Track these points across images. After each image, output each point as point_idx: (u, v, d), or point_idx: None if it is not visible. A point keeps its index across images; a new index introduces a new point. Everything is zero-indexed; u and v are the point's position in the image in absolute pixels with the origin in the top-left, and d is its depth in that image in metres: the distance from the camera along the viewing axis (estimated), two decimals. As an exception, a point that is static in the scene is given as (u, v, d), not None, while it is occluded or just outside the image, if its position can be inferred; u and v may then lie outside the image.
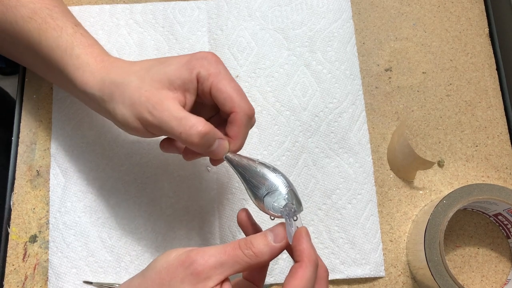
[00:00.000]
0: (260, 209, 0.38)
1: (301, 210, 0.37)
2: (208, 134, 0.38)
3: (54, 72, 0.46)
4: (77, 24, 0.47)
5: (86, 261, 0.49)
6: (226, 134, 0.42)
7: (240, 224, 0.40)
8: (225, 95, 0.40)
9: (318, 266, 0.35)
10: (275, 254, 0.35)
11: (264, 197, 0.37)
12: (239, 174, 0.40)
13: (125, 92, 0.41)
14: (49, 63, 0.46)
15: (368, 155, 0.53)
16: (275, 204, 0.37)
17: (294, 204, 0.37)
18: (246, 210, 0.40)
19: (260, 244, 0.34)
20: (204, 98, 0.42)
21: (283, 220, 0.37)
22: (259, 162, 0.40)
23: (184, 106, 0.40)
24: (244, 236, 0.40)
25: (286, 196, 0.37)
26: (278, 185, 0.38)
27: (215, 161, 0.43)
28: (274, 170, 0.39)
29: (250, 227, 0.40)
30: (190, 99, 0.41)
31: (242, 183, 0.39)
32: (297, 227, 0.36)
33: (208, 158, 0.47)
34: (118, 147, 0.52)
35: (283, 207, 0.37)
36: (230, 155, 0.41)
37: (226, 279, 0.33)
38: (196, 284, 0.32)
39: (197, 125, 0.38)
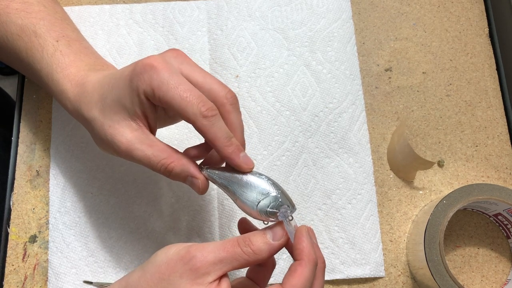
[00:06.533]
0: (253, 217, 0.38)
1: (295, 209, 0.37)
2: (172, 171, 0.38)
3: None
4: (60, 38, 0.45)
5: (86, 261, 0.49)
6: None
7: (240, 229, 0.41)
8: (175, 107, 0.36)
9: (317, 264, 0.35)
10: (273, 252, 0.35)
11: (257, 205, 0.37)
12: (224, 187, 0.39)
13: (94, 130, 0.41)
14: (41, 83, 0.46)
15: (368, 155, 0.53)
16: (270, 209, 0.37)
17: (289, 205, 0.37)
18: (244, 219, 0.41)
19: (259, 242, 0.34)
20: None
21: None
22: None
23: (150, 128, 0.40)
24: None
25: (280, 199, 0.37)
26: (268, 190, 0.37)
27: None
28: (259, 175, 0.38)
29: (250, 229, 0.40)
30: (153, 116, 0.39)
31: (229, 195, 0.38)
32: (294, 226, 0.36)
33: None
34: (118, 147, 0.52)
35: (279, 210, 0.36)
36: (208, 171, 0.39)
37: (224, 275, 0.34)
38: (194, 279, 0.32)
39: (164, 163, 0.38)
